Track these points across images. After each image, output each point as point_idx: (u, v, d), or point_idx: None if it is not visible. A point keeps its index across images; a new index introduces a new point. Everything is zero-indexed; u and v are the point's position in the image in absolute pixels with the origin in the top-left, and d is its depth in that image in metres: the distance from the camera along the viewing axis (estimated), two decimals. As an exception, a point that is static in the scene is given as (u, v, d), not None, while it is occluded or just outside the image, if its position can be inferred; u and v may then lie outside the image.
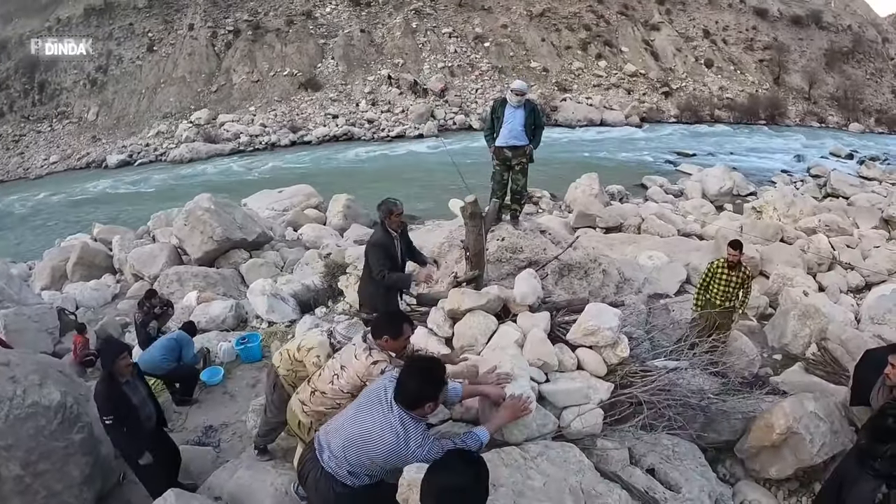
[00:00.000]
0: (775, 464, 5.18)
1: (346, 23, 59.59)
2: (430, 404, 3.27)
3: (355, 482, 3.41)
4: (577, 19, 63.36)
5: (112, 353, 5.25)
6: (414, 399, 3.23)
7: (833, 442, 5.07)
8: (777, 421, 5.06)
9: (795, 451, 5.05)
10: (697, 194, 25.79)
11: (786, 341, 9.29)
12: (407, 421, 3.25)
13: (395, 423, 3.26)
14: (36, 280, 16.91)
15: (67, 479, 5.36)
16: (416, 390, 3.23)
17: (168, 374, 8.02)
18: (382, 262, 6.16)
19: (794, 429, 4.98)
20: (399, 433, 3.23)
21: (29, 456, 5.11)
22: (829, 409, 5.27)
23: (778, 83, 63.60)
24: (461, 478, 2.23)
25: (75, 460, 5.45)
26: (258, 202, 23.58)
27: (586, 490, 3.68)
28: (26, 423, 5.18)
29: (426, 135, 47.22)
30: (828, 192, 27.34)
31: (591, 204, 18.62)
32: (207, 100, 53.73)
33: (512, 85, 7.97)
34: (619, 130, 50.03)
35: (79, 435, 5.57)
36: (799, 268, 13.20)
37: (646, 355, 5.25)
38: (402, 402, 3.26)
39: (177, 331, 8.54)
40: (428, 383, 3.26)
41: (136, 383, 5.50)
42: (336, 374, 4.08)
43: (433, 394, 3.27)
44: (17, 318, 11.04)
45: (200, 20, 58.41)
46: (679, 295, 11.21)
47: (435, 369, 3.37)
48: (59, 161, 50.20)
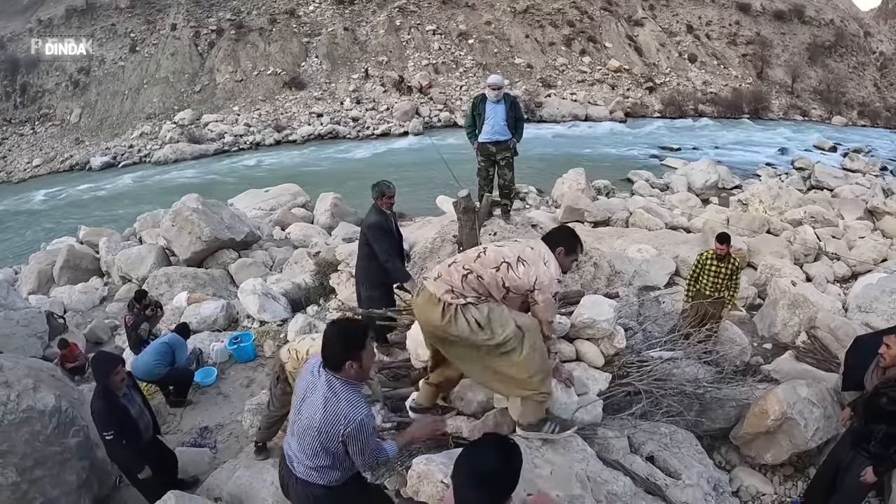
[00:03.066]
0: (770, 449, 5.27)
1: (330, 21, 59.43)
2: (352, 363, 3.17)
3: (329, 481, 3.34)
4: (560, 15, 63.50)
5: (106, 367, 5.10)
6: (336, 358, 3.17)
7: (826, 427, 5.17)
8: (771, 407, 5.13)
9: (790, 437, 5.14)
10: (683, 188, 25.92)
11: (776, 330, 9.37)
12: (335, 383, 3.19)
13: (323, 387, 3.20)
14: (23, 284, 16.71)
15: (64, 484, 5.31)
16: (337, 348, 3.16)
17: (162, 378, 7.91)
18: (387, 246, 6.62)
19: (789, 414, 5.07)
20: (328, 396, 3.16)
21: (24, 462, 5.06)
22: (822, 394, 5.37)
23: (761, 77, 64.08)
24: (491, 459, 2.24)
25: (71, 465, 5.41)
26: (245, 202, 23.46)
27: (592, 477, 3.73)
28: (21, 428, 5.12)
29: (411, 132, 47.24)
30: (812, 185, 27.58)
31: (579, 199, 18.67)
32: (191, 100, 53.42)
33: (488, 80, 8.07)
34: (604, 126, 50.19)
35: (74, 439, 5.53)
36: (786, 259, 13.31)
37: (640, 346, 5.29)
38: (327, 364, 3.22)
39: (168, 334, 8.35)
40: (347, 340, 3.18)
41: (132, 394, 5.42)
42: (508, 263, 3.73)
43: (353, 350, 3.16)
44: (6, 323, 10.91)
45: (183, 20, 58.02)
46: (668, 287, 11.29)
47: (353, 327, 3.30)
48: (42, 164, 49.75)
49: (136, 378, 7.45)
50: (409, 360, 5.50)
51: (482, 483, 2.20)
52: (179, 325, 8.65)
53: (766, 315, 9.91)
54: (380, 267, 6.69)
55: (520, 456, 2.36)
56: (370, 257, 6.76)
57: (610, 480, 3.75)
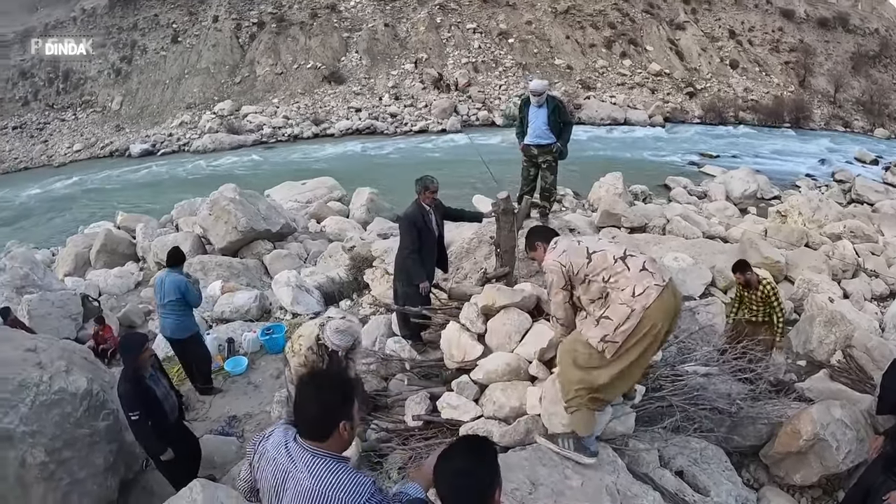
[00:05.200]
0: (800, 470, 5.19)
1: (371, 17, 59.65)
2: (346, 424, 2.45)
3: None
4: (601, 17, 62.99)
5: (135, 345, 5.24)
6: (328, 420, 2.43)
7: (859, 450, 5.09)
8: (804, 427, 5.06)
9: (821, 458, 5.06)
10: (721, 196, 25.51)
11: (811, 347, 9.22)
12: (318, 466, 2.42)
13: (304, 476, 2.41)
14: (59, 266, 17.05)
15: (91, 466, 5.36)
16: (320, 409, 2.44)
17: (186, 342, 7.86)
18: (412, 240, 6.69)
19: (821, 435, 4.99)
20: (317, 488, 2.37)
21: (54, 443, 5.10)
22: (856, 416, 5.29)
23: (803, 86, 62.88)
24: (462, 458, 2.29)
25: (100, 448, 5.47)
26: (281, 194, 23.71)
27: (622, 490, 3.72)
28: (52, 409, 5.18)
29: (449, 130, 47.20)
30: (852, 198, 26.99)
31: (616, 203, 18.49)
32: (231, 91, 54.04)
33: (530, 86, 8.10)
34: (643, 130, 49.72)
35: (104, 422, 5.60)
36: (824, 274, 13.05)
37: (674, 359, 5.26)
38: (310, 433, 2.48)
39: (167, 275, 7.71)
40: (333, 396, 2.46)
41: (157, 376, 5.55)
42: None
43: (350, 404, 2.49)
44: (41, 304, 11.17)
45: (225, 12, 58.70)
46: (704, 298, 11.17)
47: (338, 375, 2.89)
48: (82, 149, 50.73)
49: (169, 338, 7.71)
50: (441, 359, 5.51)
51: (460, 482, 2.25)
52: (170, 254, 7.90)
53: (801, 331, 9.74)
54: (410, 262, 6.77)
55: (491, 451, 2.38)
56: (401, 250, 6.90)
57: (640, 495, 3.73)
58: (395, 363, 6.44)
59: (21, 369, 5.24)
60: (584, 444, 3.91)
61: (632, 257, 3.78)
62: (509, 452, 4.16)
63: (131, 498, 5.96)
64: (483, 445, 2.40)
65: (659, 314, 3.59)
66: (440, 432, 4.85)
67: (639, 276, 3.65)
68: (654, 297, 3.56)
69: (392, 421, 5.48)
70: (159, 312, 7.92)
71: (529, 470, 3.76)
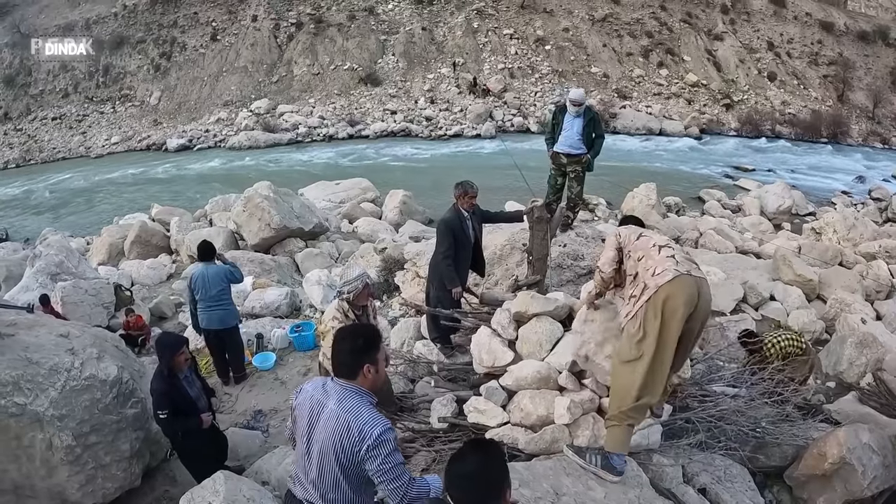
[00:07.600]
0: (824, 493, 5.13)
1: (408, 20, 59.79)
2: (370, 367, 2.95)
3: None
4: (639, 26, 62.45)
5: (171, 348, 5.30)
6: (353, 362, 2.95)
7: (885, 476, 5.03)
8: (830, 450, 5.01)
9: (846, 482, 5.00)
10: (756, 211, 25.12)
11: (841, 369, 9.12)
12: (347, 398, 2.92)
13: (333, 404, 2.93)
14: (93, 255, 17.38)
15: (117, 452, 5.49)
16: (353, 351, 2.96)
17: (228, 332, 8.10)
18: (448, 245, 6.73)
19: (847, 459, 4.93)
20: (339, 413, 2.89)
21: (81, 427, 5.23)
22: (883, 441, 5.23)
23: (842, 100, 61.69)
24: (468, 462, 2.36)
25: (126, 435, 5.60)
26: (315, 193, 23.93)
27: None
28: (82, 395, 5.30)
29: (484, 135, 47.03)
30: (889, 217, 26.55)
31: (649, 214, 18.42)
32: (268, 90, 54.47)
33: (570, 95, 8.13)
34: (678, 141, 49.14)
35: (132, 410, 5.73)
36: (857, 294, 12.86)
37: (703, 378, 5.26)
38: (341, 371, 3.00)
39: (201, 268, 8.04)
40: (363, 341, 2.98)
41: (192, 377, 5.62)
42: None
43: (371, 351, 2.97)
44: (75, 291, 11.38)
45: (264, 12, 59.16)
46: (734, 314, 11.10)
47: (366, 328, 3.33)
48: (119, 142, 51.41)
49: (217, 329, 7.89)
50: (468, 363, 5.55)
51: (468, 486, 2.33)
52: (202, 248, 8.19)
53: (832, 352, 9.64)
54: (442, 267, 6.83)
55: (499, 452, 2.49)
56: (436, 254, 6.97)
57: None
58: (423, 365, 6.52)
59: (53, 354, 5.38)
60: (611, 462, 3.96)
61: (667, 248, 4.06)
62: (534, 461, 4.19)
63: (155, 485, 6.10)
64: (491, 447, 2.52)
65: (675, 293, 3.79)
66: (465, 436, 4.88)
67: (663, 261, 3.94)
68: (670, 278, 3.81)
69: (417, 422, 5.54)
70: (202, 306, 7.93)
71: (554, 479, 3.79)
